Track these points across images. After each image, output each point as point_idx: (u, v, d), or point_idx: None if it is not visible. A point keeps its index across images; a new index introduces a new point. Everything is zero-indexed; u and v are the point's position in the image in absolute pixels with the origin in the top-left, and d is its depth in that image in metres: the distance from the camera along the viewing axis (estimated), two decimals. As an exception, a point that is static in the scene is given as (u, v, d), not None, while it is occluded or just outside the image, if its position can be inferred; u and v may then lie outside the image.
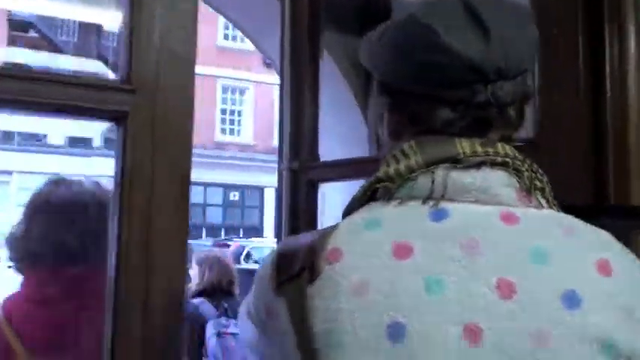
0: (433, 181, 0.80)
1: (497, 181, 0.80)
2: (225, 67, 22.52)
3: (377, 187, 0.83)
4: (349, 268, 0.75)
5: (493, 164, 0.81)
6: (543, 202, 0.83)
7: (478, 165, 0.80)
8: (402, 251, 0.75)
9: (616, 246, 0.80)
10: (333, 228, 0.81)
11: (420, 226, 0.77)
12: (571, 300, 0.72)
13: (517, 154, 0.84)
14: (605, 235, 0.81)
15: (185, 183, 1.11)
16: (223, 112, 23.17)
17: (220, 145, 22.53)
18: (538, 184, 0.83)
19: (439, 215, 0.78)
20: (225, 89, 23.15)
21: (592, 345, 0.71)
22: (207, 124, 22.52)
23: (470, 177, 0.80)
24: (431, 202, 0.79)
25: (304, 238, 0.81)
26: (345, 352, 0.72)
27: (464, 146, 0.81)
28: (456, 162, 0.80)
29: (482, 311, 0.72)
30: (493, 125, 0.83)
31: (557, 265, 0.74)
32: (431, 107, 0.83)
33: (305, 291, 0.75)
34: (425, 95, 0.83)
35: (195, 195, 22.26)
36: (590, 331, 0.71)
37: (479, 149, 0.81)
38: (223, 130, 23.05)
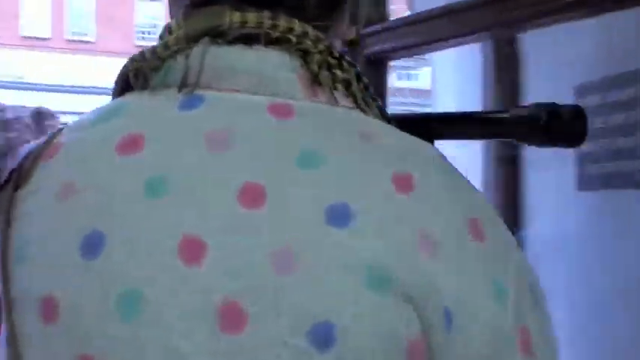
0: (187, 60, 0.61)
1: (273, 62, 0.61)
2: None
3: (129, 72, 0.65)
4: (61, 167, 0.62)
5: (269, 42, 0.61)
6: (344, 98, 0.63)
7: (247, 41, 0.61)
8: (129, 146, 0.60)
9: (432, 160, 0.61)
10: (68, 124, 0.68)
11: (161, 117, 0.61)
12: (339, 215, 0.55)
13: (310, 31, 0.62)
14: (422, 148, 0.62)
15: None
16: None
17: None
18: (340, 73, 0.63)
19: (190, 104, 0.61)
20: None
21: (357, 274, 0.54)
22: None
23: (235, 55, 0.61)
24: (186, 89, 0.61)
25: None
26: (32, 269, 0.59)
27: (233, 16, 0.61)
28: (218, 35, 0.61)
29: (213, 221, 0.56)
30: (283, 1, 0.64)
31: (332, 172, 0.57)
32: None
33: (13, 195, 0.62)
34: None
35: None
36: (358, 257, 0.54)
37: (251, 20, 0.61)
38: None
